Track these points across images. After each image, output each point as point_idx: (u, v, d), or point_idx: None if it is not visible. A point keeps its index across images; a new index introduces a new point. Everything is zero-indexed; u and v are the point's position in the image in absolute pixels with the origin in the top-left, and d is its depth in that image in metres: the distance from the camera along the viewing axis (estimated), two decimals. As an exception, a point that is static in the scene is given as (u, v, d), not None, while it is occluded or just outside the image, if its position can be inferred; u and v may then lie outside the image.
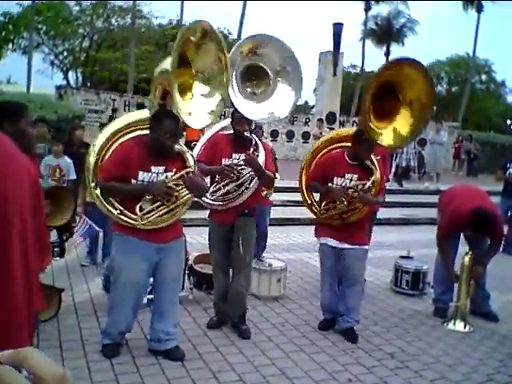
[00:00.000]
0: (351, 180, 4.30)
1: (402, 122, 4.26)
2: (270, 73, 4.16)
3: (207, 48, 3.57)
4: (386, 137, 4.27)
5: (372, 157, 4.32)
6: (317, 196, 4.68)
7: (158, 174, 3.56)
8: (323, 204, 4.46)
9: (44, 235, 1.72)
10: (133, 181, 3.53)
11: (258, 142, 4.28)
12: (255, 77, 4.18)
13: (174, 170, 3.59)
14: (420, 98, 4.16)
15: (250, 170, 4.12)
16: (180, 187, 3.57)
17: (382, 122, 4.26)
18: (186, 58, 3.55)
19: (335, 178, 4.33)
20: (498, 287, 5.39)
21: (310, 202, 4.69)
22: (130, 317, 3.81)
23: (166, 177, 3.56)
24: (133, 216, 3.54)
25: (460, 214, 4.82)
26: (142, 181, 3.54)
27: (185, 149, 3.74)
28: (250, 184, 4.17)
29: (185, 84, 3.61)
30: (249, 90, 4.20)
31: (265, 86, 4.20)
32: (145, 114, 3.85)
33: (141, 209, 3.53)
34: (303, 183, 4.77)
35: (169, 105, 3.64)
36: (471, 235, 4.93)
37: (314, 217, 4.70)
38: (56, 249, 4.78)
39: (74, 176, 6.00)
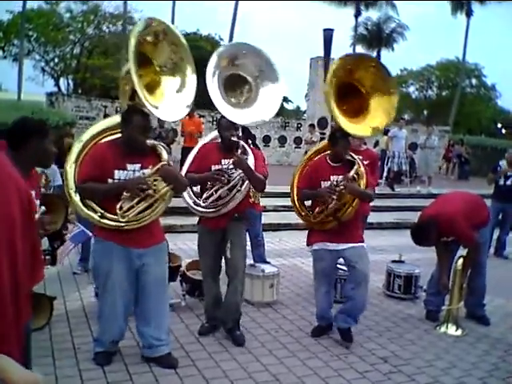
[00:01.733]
0: (337, 181, 4.32)
1: (375, 110, 4.57)
2: (249, 79, 4.33)
3: (163, 43, 3.73)
4: (364, 129, 4.59)
5: (351, 153, 4.46)
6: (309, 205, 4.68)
7: (134, 171, 3.58)
8: (316, 209, 4.46)
9: (37, 250, 1.72)
10: (109, 180, 3.54)
11: (246, 146, 4.30)
12: (237, 86, 4.34)
13: (150, 166, 3.60)
14: (378, 83, 4.52)
15: (240, 172, 4.12)
16: (156, 181, 3.57)
17: (357, 117, 4.55)
18: (147, 57, 3.68)
19: (322, 183, 4.36)
20: (490, 291, 5.40)
21: (304, 213, 4.64)
22: (121, 323, 3.79)
23: (143, 174, 3.57)
24: (114, 217, 3.53)
25: (422, 219, 5.02)
26: (119, 179, 3.55)
27: (156, 142, 3.78)
28: (241, 187, 4.17)
29: (152, 81, 3.75)
30: (233, 100, 4.33)
31: (247, 92, 4.36)
32: (117, 118, 3.86)
33: (121, 208, 3.52)
34: (295, 197, 4.74)
35: (138, 105, 3.72)
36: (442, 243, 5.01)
37: (311, 226, 4.63)
38: (47, 257, 4.75)
39: (59, 182, 5.97)
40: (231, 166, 4.14)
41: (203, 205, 4.21)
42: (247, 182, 4.17)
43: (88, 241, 6.02)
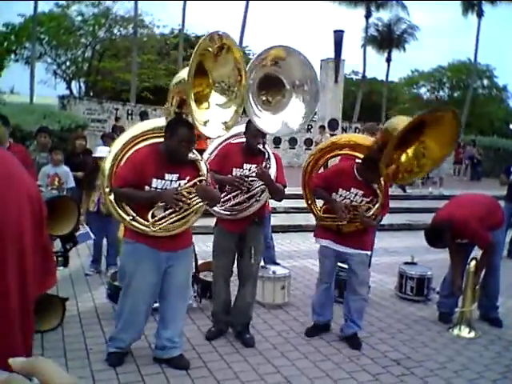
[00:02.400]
0: (356, 195, 4.30)
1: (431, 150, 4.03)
2: (287, 85, 4.10)
3: (225, 59, 3.57)
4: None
5: (381, 181, 4.29)
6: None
7: (171, 181, 3.57)
8: (324, 212, 4.48)
9: (49, 255, 1.72)
10: (146, 187, 3.55)
11: (271, 153, 4.22)
12: (272, 87, 4.12)
13: (188, 178, 3.60)
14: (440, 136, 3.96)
15: (260, 183, 4.09)
16: (192, 195, 3.58)
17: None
18: (204, 68, 3.56)
19: (340, 190, 4.33)
20: (503, 293, 5.36)
21: (310, 201, 4.67)
22: (142, 324, 3.83)
23: (179, 184, 3.57)
24: (145, 223, 3.55)
25: (435, 222, 4.95)
26: (156, 188, 3.55)
27: (199, 157, 3.74)
28: (260, 196, 4.14)
29: (201, 93, 3.63)
30: (263, 97, 4.14)
31: (280, 96, 4.14)
32: (160, 122, 3.86)
33: (153, 215, 3.54)
34: (306, 181, 4.72)
35: (185, 114, 3.67)
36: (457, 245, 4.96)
37: (313, 216, 4.68)
38: (60, 258, 4.78)
39: (72, 184, 6.02)
40: (253, 174, 4.09)
41: (221, 207, 4.19)
42: (266, 191, 4.14)
43: (100, 243, 6.07)
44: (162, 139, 3.68)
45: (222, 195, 4.14)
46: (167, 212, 3.56)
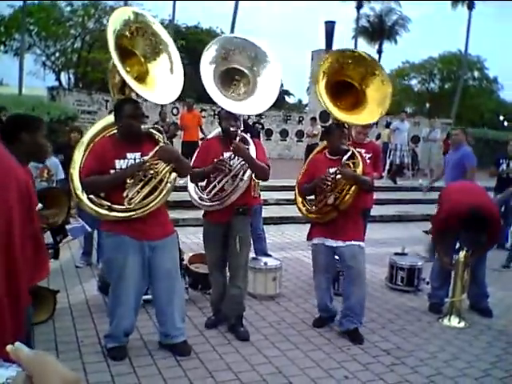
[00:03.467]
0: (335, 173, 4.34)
1: (371, 103, 4.57)
2: (245, 71, 4.34)
3: (139, 32, 3.83)
4: (361, 117, 4.62)
5: (348, 145, 4.49)
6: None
7: (134, 159, 3.62)
8: (317, 200, 4.48)
9: (41, 245, 1.71)
10: (111, 171, 3.58)
11: (248, 138, 4.28)
12: (235, 79, 4.34)
13: (151, 153, 3.62)
14: (367, 76, 4.54)
15: (240, 160, 4.11)
16: (157, 163, 3.61)
17: (354, 110, 4.59)
18: (127, 49, 3.78)
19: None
20: (492, 283, 5.41)
21: (304, 208, 4.65)
22: (133, 316, 3.85)
23: (143, 160, 3.60)
24: (121, 207, 3.55)
25: (457, 208, 4.79)
26: (120, 168, 3.59)
27: (149, 126, 3.82)
28: (243, 175, 4.15)
29: (141, 72, 3.86)
30: (233, 94, 4.31)
31: (245, 84, 4.35)
32: (113, 117, 3.90)
33: (127, 196, 3.55)
34: (297, 194, 4.76)
35: (128, 96, 3.83)
36: (466, 234, 4.91)
37: (312, 218, 4.64)
38: (50, 250, 4.75)
39: (62, 175, 5.98)
40: (232, 155, 4.13)
41: (207, 197, 4.20)
42: (249, 171, 4.16)
43: (91, 235, 6.04)
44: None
45: (209, 186, 4.17)
46: (138, 186, 3.57)
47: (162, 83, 3.92)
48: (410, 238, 8.22)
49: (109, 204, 3.59)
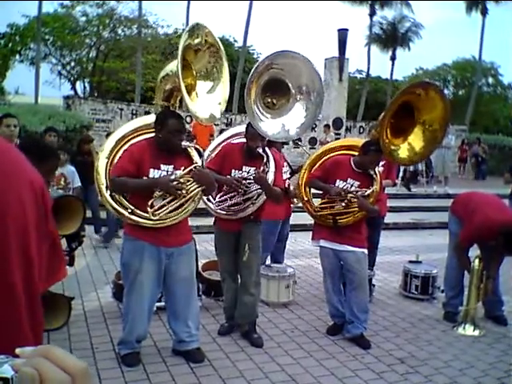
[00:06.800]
0: (352, 185, 4.36)
1: (415, 141, 4.34)
2: (292, 89, 4.04)
3: (203, 50, 3.80)
4: (400, 153, 4.37)
5: (376, 169, 4.41)
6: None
7: (167, 172, 3.65)
8: (321, 202, 4.50)
9: (57, 247, 1.73)
10: (144, 178, 3.62)
11: (270, 156, 4.23)
12: (277, 90, 4.09)
13: (183, 168, 3.66)
14: (435, 122, 4.25)
15: (257, 187, 4.13)
16: (189, 182, 3.64)
17: (396, 138, 4.35)
18: (187, 62, 3.75)
19: (337, 181, 4.39)
20: (507, 292, 5.35)
21: (306, 198, 4.70)
22: (145, 321, 3.86)
23: (175, 174, 3.63)
24: (144, 214, 3.59)
25: (488, 226, 4.62)
26: (153, 177, 3.62)
27: (190, 145, 3.84)
28: (256, 200, 4.18)
29: (189, 85, 3.80)
30: (268, 100, 4.12)
31: (284, 100, 4.10)
32: (151, 118, 3.94)
33: (152, 206, 3.58)
34: (303, 180, 4.77)
35: (172, 106, 3.83)
36: (492, 247, 4.76)
37: (308, 214, 4.70)
38: (66, 257, 4.80)
39: (78, 183, 6.07)
40: (251, 176, 4.13)
41: (217, 207, 4.24)
42: (263, 195, 4.17)
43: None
44: (153, 134, 3.77)
45: (219, 195, 4.21)
46: (166, 200, 3.60)
47: (203, 101, 3.87)
48: (424, 246, 8.17)
49: (132, 208, 3.62)
